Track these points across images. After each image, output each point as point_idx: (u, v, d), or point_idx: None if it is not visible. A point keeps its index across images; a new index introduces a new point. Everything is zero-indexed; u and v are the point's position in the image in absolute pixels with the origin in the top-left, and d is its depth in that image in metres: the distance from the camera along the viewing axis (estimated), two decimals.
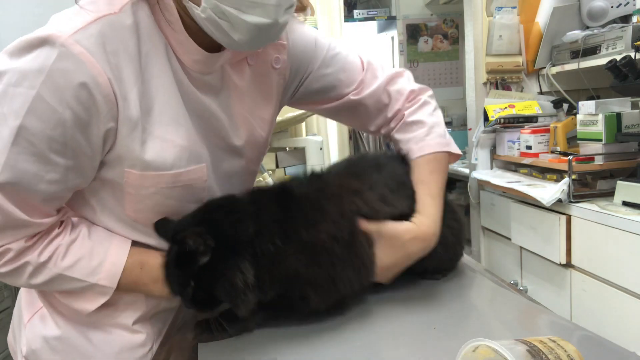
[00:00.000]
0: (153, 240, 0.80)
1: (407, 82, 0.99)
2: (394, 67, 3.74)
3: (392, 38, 3.71)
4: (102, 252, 0.77)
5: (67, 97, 0.64)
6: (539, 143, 2.14)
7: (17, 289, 0.94)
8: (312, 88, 0.95)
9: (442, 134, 0.94)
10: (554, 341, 0.50)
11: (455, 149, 0.95)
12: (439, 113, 0.98)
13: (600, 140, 1.79)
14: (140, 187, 0.73)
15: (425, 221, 0.83)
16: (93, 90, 0.66)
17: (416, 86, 0.99)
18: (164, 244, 0.76)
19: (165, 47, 0.73)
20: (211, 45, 0.75)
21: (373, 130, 1.00)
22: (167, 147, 0.73)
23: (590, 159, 1.84)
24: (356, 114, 0.99)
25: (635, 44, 1.77)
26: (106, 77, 0.66)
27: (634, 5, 2.08)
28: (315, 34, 0.94)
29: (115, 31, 0.68)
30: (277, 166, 2.47)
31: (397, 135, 0.96)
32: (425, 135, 0.93)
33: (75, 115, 0.66)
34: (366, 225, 0.79)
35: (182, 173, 0.75)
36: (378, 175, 0.85)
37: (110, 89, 0.67)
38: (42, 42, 0.64)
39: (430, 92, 1.00)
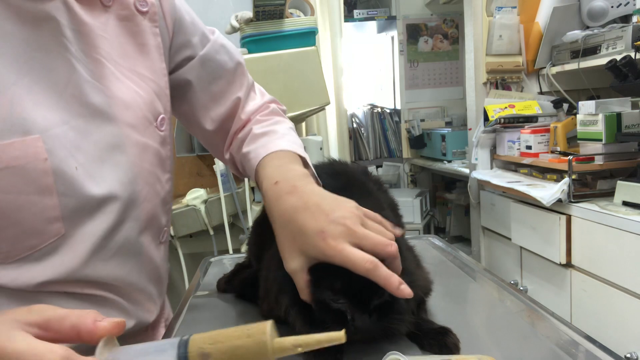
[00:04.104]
0: None
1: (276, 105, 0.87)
2: (394, 67, 3.75)
3: (392, 38, 3.71)
4: None
5: None
6: (539, 143, 2.14)
7: None
8: (197, 74, 0.77)
9: (295, 140, 0.77)
10: None
11: (309, 161, 0.73)
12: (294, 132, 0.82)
13: (600, 140, 1.79)
14: None
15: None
16: None
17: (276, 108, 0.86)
18: (21, 279, 0.56)
19: None
20: None
21: (227, 158, 0.83)
22: None
23: (590, 159, 1.84)
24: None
25: (635, 44, 1.77)
26: None
27: (634, 5, 2.08)
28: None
29: None
30: None
31: (245, 149, 0.76)
32: (277, 139, 0.75)
33: None
34: None
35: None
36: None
37: None
38: None
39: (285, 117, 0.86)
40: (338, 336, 0.40)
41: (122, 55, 0.65)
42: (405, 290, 0.53)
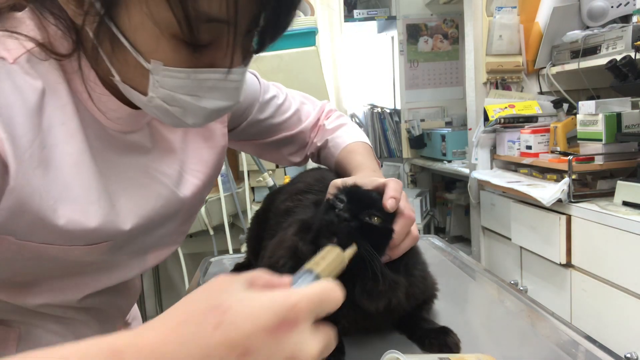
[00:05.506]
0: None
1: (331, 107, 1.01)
2: (394, 67, 3.75)
3: (392, 38, 3.71)
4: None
5: None
6: (539, 143, 2.14)
7: None
8: (248, 132, 0.90)
9: (361, 132, 0.95)
10: None
11: (376, 158, 0.91)
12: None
13: (600, 140, 1.79)
14: None
15: None
16: None
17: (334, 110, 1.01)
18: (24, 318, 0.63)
19: (75, 106, 0.57)
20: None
21: (298, 161, 0.98)
22: (72, 227, 0.56)
23: (590, 159, 1.84)
24: (286, 148, 0.96)
25: (635, 44, 1.77)
26: None
27: (634, 5, 2.08)
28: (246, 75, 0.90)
29: (11, 81, 0.51)
30: (277, 166, 2.47)
31: (319, 142, 0.94)
32: (349, 130, 0.94)
33: None
34: None
35: (72, 249, 0.58)
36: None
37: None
38: None
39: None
40: (354, 249, 0.56)
41: (197, 162, 0.74)
42: (390, 204, 0.64)
